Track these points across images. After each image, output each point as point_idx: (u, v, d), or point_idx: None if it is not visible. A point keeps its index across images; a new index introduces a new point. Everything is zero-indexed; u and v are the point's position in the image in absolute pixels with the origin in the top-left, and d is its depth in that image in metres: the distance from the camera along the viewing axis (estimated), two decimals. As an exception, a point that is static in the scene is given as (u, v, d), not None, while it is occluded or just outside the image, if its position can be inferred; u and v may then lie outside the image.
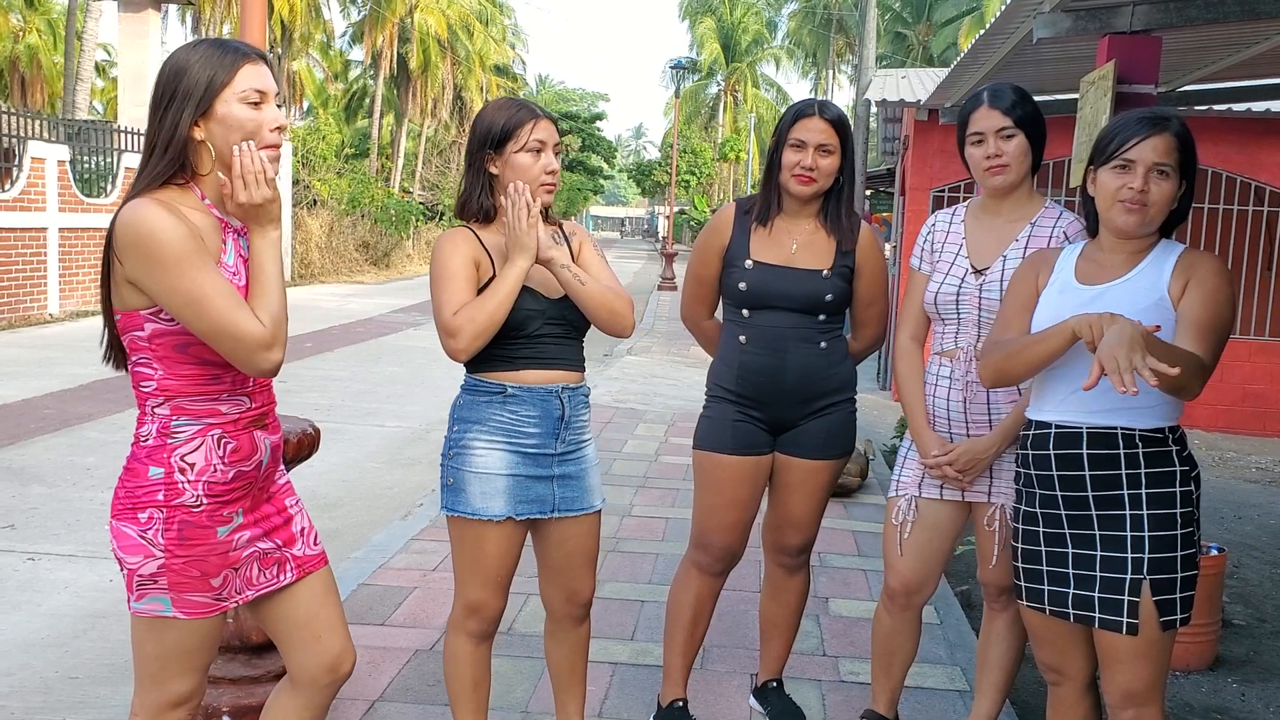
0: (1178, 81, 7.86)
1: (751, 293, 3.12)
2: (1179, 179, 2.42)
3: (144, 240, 1.95)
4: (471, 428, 2.71)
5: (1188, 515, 2.42)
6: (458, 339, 2.58)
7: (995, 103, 2.91)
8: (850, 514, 6.13)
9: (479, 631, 2.80)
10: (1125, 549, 2.41)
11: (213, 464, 2.09)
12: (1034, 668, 4.24)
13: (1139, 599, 2.39)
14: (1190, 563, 2.42)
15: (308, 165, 29.09)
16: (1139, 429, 2.41)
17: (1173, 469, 2.42)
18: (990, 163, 2.91)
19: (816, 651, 4.10)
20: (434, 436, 8.15)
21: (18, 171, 13.70)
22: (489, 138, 2.70)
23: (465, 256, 2.67)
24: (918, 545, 3.06)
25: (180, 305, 1.97)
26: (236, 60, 2.06)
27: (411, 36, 38.86)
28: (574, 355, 2.79)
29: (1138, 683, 2.43)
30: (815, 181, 3.06)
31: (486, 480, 2.68)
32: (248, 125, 2.06)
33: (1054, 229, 2.94)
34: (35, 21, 41.07)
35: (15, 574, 4.79)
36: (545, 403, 2.70)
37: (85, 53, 23.81)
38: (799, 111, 3.09)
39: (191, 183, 2.10)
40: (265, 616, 2.29)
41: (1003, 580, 3.03)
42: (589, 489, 2.82)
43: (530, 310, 2.66)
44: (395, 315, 17.14)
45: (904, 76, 15.49)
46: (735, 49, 52.32)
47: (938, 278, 3.02)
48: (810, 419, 3.18)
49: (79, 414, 8.11)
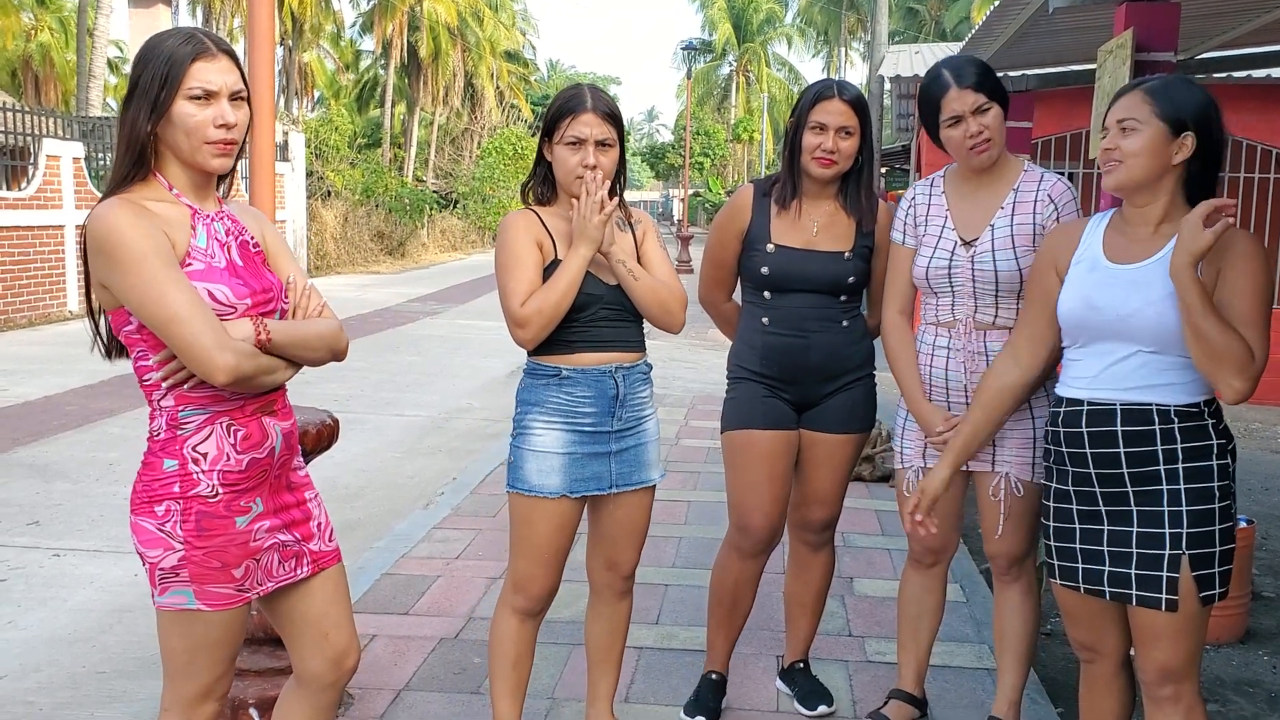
0: (1197, 49, 7.76)
1: (774, 276, 3.12)
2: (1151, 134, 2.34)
3: (105, 240, 1.97)
4: (531, 409, 2.76)
5: (1225, 488, 2.38)
6: (527, 329, 2.64)
7: (963, 81, 2.88)
8: (873, 493, 6.10)
9: (525, 608, 2.83)
10: (1163, 524, 2.37)
11: (225, 452, 2.08)
12: (1062, 645, 4.21)
13: (1179, 575, 2.36)
14: (1228, 536, 2.38)
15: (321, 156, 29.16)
16: (1174, 404, 2.37)
17: (1209, 442, 2.38)
18: (974, 141, 2.90)
19: (842, 632, 4.08)
20: (453, 425, 8.16)
21: (33, 170, 13.75)
22: (545, 125, 2.77)
23: (529, 240, 2.71)
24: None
25: (138, 304, 1.97)
26: (187, 56, 2.02)
27: (421, 25, 38.84)
28: (631, 336, 2.81)
29: (1175, 659, 2.39)
30: (836, 164, 3.05)
31: (543, 458, 2.73)
32: (188, 123, 2.03)
33: (1037, 191, 2.95)
34: (47, 20, 41.20)
35: (41, 570, 4.82)
36: (599, 383, 2.74)
37: (97, 49, 23.84)
38: (818, 94, 3.06)
39: (156, 174, 2.08)
40: (276, 610, 2.29)
41: (1011, 550, 3.03)
42: (647, 463, 2.86)
43: (589, 295, 2.69)
44: (412, 304, 17.16)
45: (917, 52, 15.38)
46: (747, 29, 52.06)
47: (925, 251, 3.02)
48: (833, 395, 3.19)
49: (101, 410, 8.14)
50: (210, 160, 2.07)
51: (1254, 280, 2.32)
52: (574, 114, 2.68)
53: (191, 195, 2.12)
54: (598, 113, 2.68)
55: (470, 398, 9.30)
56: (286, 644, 2.33)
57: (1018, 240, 2.91)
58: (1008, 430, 2.93)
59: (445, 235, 32.10)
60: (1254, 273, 2.32)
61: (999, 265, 2.90)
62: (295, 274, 2.25)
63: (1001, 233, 2.92)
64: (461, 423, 8.29)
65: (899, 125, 15.40)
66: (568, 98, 2.73)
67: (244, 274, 2.13)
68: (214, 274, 2.08)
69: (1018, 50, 7.62)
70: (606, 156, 2.70)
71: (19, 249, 13.27)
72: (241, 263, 2.15)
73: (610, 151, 2.71)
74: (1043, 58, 8.39)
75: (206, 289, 2.04)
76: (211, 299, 2.03)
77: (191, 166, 2.09)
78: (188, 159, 2.08)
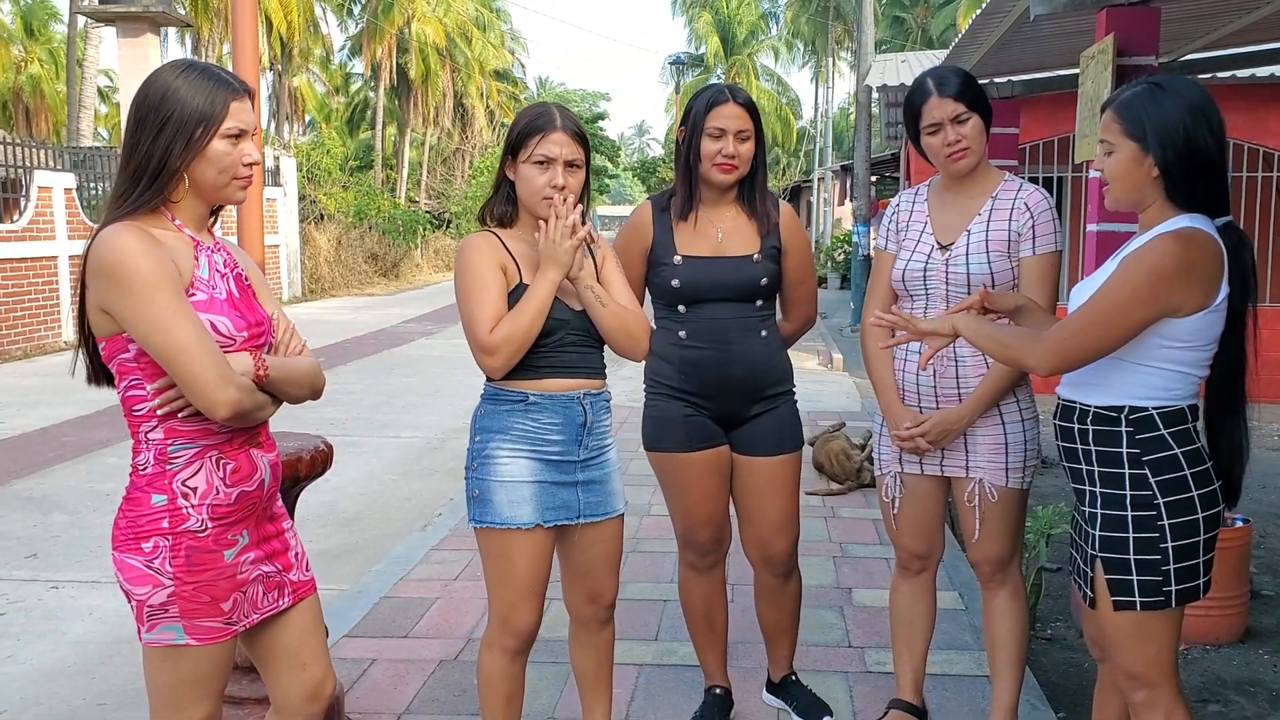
0: (1179, 51, 7.79)
1: (686, 287, 3.10)
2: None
3: (115, 267, 1.96)
4: (494, 437, 2.68)
5: (1144, 499, 2.33)
6: (496, 357, 2.57)
7: (944, 90, 2.94)
8: (869, 502, 6.10)
9: (514, 648, 2.76)
10: (1086, 522, 2.42)
11: (215, 486, 2.09)
12: (1063, 649, 4.22)
13: (1095, 575, 2.40)
14: (1149, 546, 2.32)
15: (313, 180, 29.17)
16: (1095, 405, 2.38)
17: (1119, 450, 2.35)
18: (951, 149, 2.95)
19: (841, 643, 4.08)
20: (450, 445, 8.16)
21: (25, 201, 13.76)
22: (508, 143, 2.70)
23: (492, 263, 2.63)
24: (911, 518, 3.14)
25: (146, 333, 1.97)
26: (227, 97, 2.07)
27: (410, 46, 38.93)
28: (595, 362, 2.77)
29: (1136, 664, 2.38)
30: (737, 168, 3.06)
31: (512, 489, 2.65)
32: (224, 161, 2.09)
33: (1015, 199, 3.00)
34: (36, 51, 41.30)
35: (39, 603, 4.81)
36: (567, 410, 2.68)
37: (87, 80, 23.92)
38: (712, 100, 3.06)
39: (164, 207, 2.10)
40: (255, 641, 2.28)
41: (992, 555, 3.06)
42: (612, 493, 2.80)
43: (556, 320, 2.63)
44: (407, 325, 17.16)
45: (904, 60, 15.43)
46: (734, 41, 52.18)
47: (904, 255, 3.06)
48: (759, 415, 3.17)
49: (97, 440, 8.14)
50: (236, 193, 2.14)
51: (1119, 271, 2.31)
52: (543, 132, 2.62)
53: (192, 227, 2.14)
54: (567, 131, 2.63)
55: (466, 417, 9.21)
56: (264, 674, 2.33)
57: (992, 245, 2.96)
58: (980, 436, 2.99)
59: (439, 255, 32.14)
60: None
61: (971, 268, 2.95)
62: (277, 311, 2.28)
63: (977, 237, 2.97)
64: (458, 443, 8.28)
65: (887, 134, 15.44)
66: (535, 115, 2.66)
67: (240, 306, 2.15)
68: (216, 305, 2.09)
69: (1003, 56, 7.65)
70: (574, 178, 2.64)
71: (13, 280, 13.27)
72: (238, 295, 2.17)
73: (578, 173, 2.65)
74: (1027, 63, 8.43)
75: (210, 320, 2.05)
76: (214, 330, 2.05)
77: (214, 200, 2.14)
78: (211, 193, 2.11)
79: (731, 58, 51.52)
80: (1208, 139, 2.31)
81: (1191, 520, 2.33)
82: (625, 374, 10.11)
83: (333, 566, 5.27)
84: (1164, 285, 2.24)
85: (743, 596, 4.39)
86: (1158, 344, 2.31)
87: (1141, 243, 2.32)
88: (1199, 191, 2.33)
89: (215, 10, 29.38)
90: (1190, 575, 2.34)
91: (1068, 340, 2.31)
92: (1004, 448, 2.98)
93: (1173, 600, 2.34)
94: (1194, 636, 4.22)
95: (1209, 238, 2.28)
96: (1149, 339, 2.30)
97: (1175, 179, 2.31)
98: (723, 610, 3.38)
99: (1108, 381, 2.37)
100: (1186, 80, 2.38)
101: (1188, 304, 2.27)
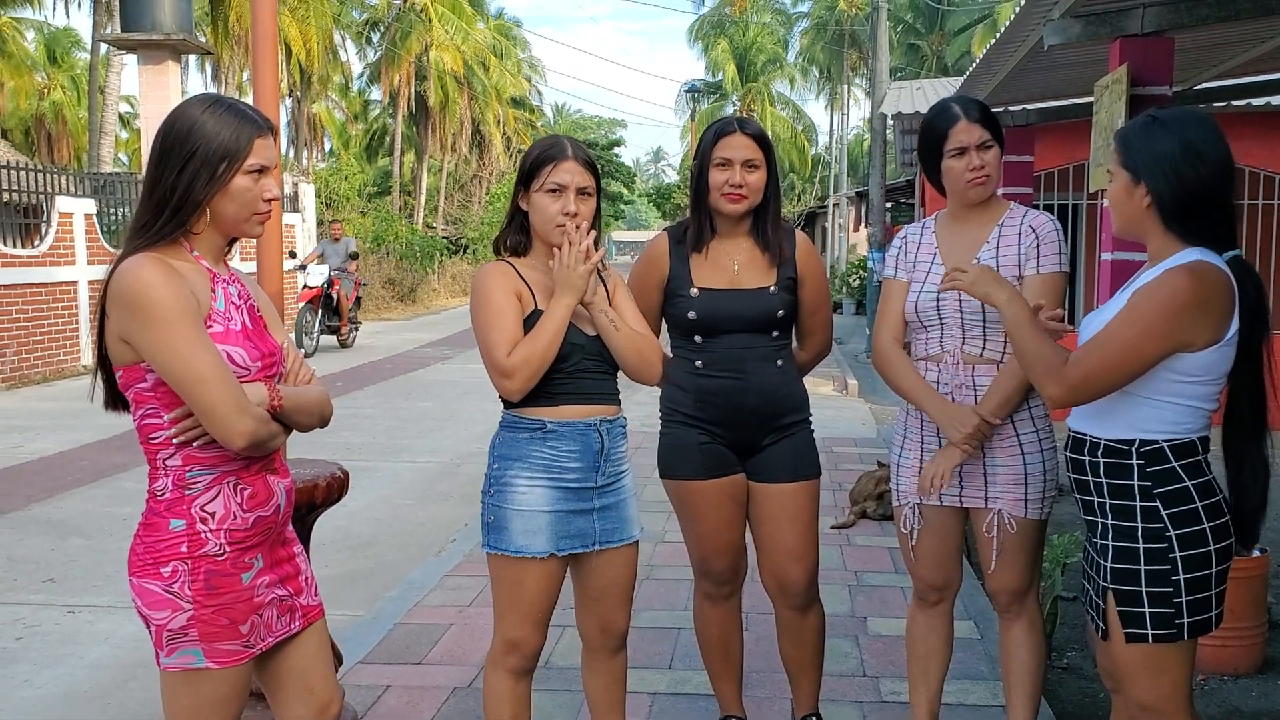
0: (1194, 80, 7.82)
1: (702, 319, 3.11)
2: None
3: (137, 298, 1.99)
4: (512, 465, 2.71)
5: (1156, 531, 2.33)
6: (514, 380, 2.61)
7: (970, 115, 2.96)
8: (885, 530, 6.09)
9: (518, 668, 2.79)
10: (1098, 553, 2.42)
11: (232, 511, 2.11)
12: (1079, 679, 4.19)
13: (1106, 606, 2.39)
14: (1160, 578, 2.32)
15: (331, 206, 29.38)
16: (1105, 438, 2.39)
17: (1131, 483, 2.35)
18: (973, 175, 2.97)
19: (856, 672, 4.06)
20: (465, 470, 8.17)
21: (46, 227, 13.89)
22: (520, 174, 2.76)
23: (508, 291, 2.69)
24: (929, 549, 3.12)
25: (165, 363, 2.00)
26: (251, 134, 2.11)
27: (428, 74, 39.22)
28: (610, 389, 2.80)
29: (1149, 695, 2.37)
30: (746, 198, 3.07)
31: (529, 517, 2.68)
32: (245, 197, 2.12)
33: (1021, 224, 3.01)
34: (59, 78, 41.79)
35: (56, 627, 4.83)
36: (584, 437, 2.71)
37: (108, 106, 24.19)
38: (719, 131, 3.09)
39: (183, 238, 2.13)
40: (264, 665, 2.29)
41: (1010, 585, 3.05)
42: (628, 519, 2.83)
43: (571, 344, 2.68)
44: (424, 350, 17.22)
45: (919, 88, 15.48)
46: (750, 69, 52.39)
47: (915, 286, 3.07)
48: (774, 442, 3.17)
49: (114, 464, 8.19)
50: (255, 228, 2.18)
51: (1131, 307, 2.31)
52: (555, 161, 2.69)
53: (209, 259, 2.17)
54: (578, 160, 2.70)
55: (481, 442, 9.28)
56: (271, 699, 2.34)
57: (1003, 270, 2.97)
58: (999, 466, 2.98)
59: (455, 280, 32.29)
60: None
61: None
62: (286, 342, 2.31)
63: (987, 264, 2.97)
64: (473, 467, 8.30)
65: (902, 160, 15.48)
66: (547, 146, 2.74)
67: (254, 337, 2.18)
68: (232, 337, 2.12)
69: (1018, 85, 7.69)
70: (586, 205, 2.71)
71: (33, 305, 13.38)
72: (251, 326, 2.20)
73: (590, 200, 2.72)
74: (1043, 92, 8.47)
75: (226, 351, 2.08)
76: (230, 361, 2.08)
77: (232, 233, 2.17)
78: (230, 226, 2.15)
79: (747, 85, 51.70)
80: (1198, 172, 2.30)
81: (1204, 552, 2.32)
82: (639, 399, 10.13)
83: (347, 592, 5.28)
84: (1177, 320, 2.24)
85: (758, 625, 4.38)
86: (1169, 378, 2.31)
87: (1151, 277, 2.32)
88: (1197, 224, 2.33)
89: (236, 38, 29.70)
90: (1202, 608, 2.34)
91: (1083, 375, 2.31)
92: (1023, 478, 2.98)
93: (1185, 632, 2.33)
94: (1211, 667, 4.19)
95: (1219, 272, 2.29)
96: (1160, 373, 2.30)
97: (1168, 211, 2.33)
98: (738, 640, 3.37)
99: (1118, 414, 2.37)
100: (1189, 114, 2.39)
101: (1200, 339, 2.27)
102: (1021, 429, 2.98)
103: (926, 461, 3.03)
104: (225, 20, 29.10)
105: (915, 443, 3.11)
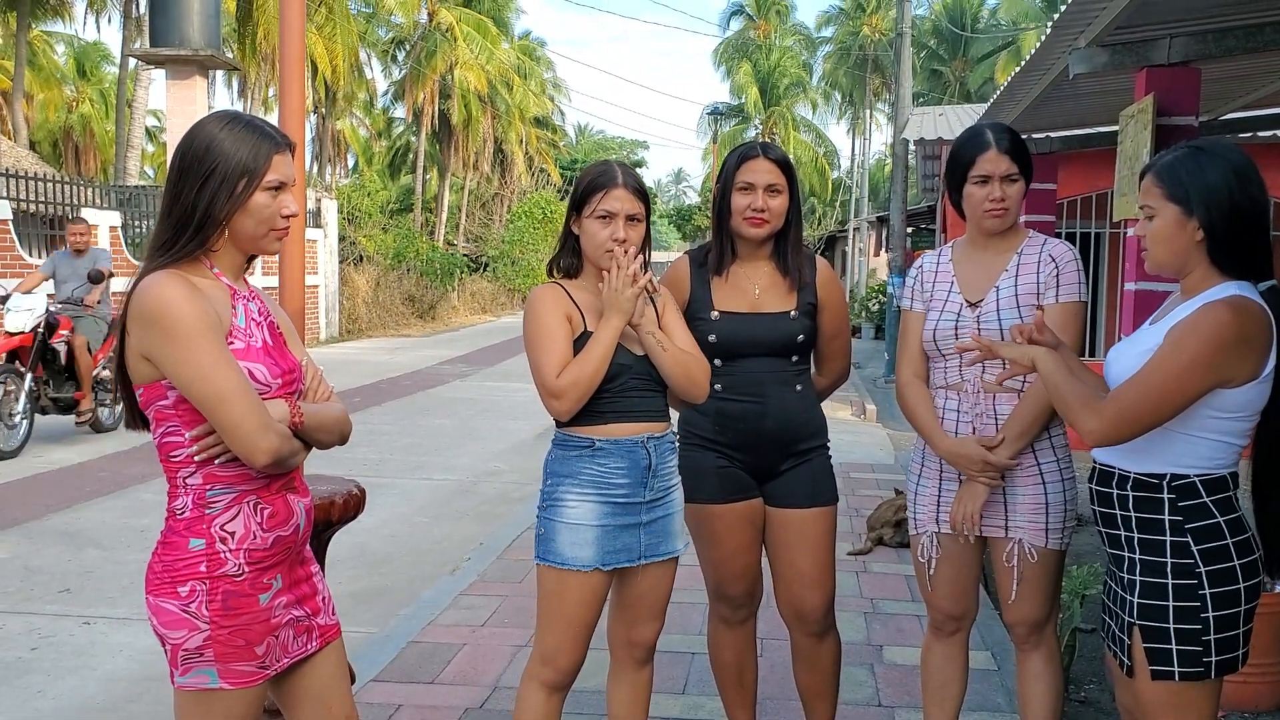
0: (1220, 110, 7.78)
1: (723, 342, 3.11)
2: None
3: (159, 315, 1.99)
4: (563, 481, 2.77)
5: (1186, 568, 2.30)
6: (563, 400, 2.67)
7: (1001, 146, 2.95)
8: (901, 558, 6.04)
9: (553, 681, 2.81)
10: (1124, 589, 2.39)
11: (252, 531, 2.11)
12: (1097, 713, 4.14)
13: (1131, 642, 2.37)
14: (1189, 615, 2.29)
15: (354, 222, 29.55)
16: (1135, 472, 2.36)
17: (1161, 517, 2.33)
18: (993, 206, 2.96)
19: (871, 702, 4.02)
20: (481, 489, 8.17)
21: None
22: (572, 199, 2.83)
23: (559, 313, 2.75)
24: (947, 579, 3.10)
25: (188, 381, 2.00)
26: (270, 151, 2.11)
27: (452, 92, 39.48)
28: (658, 406, 2.84)
29: None
30: (768, 223, 3.08)
31: (577, 531, 2.74)
32: (264, 214, 2.12)
33: (1040, 252, 3.00)
34: (88, 91, 42.30)
35: (71, 638, 4.84)
36: (632, 454, 2.76)
37: (135, 120, 24.44)
38: (742, 155, 3.11)
39: (202, 255, 2.13)
40: (282, 685, 2.28)
41: (1028, 617, 3.02)
42: (673, 534, 2.87)
43: (619, 364, 2.73)
44: (442, 367, 17.26)
45: (941, 114, 15.47)
46: (773, 93, 52.54)
47: (933, 316, 3.06)
48: (792, 467, 3.16)
49: (132, 476, 8.22)
50: (272, 245, 2.18)
51: (1173, 342, 2.27)
52: (605, 189, 2.75)
53: (229, 275, 2.17)
54: (628, 188, 2.76)
55: (498, 460, 9.32)
56: (287, 716, 2.33)
57: (1022, 298, 2.96)
58: (1020, 496, 2.96)
59: (475, 298, 32.42)
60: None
61: (1004, 323, 2.94)
62: (305, 359, 2.31)
63: (1006, 293, 2.97)
64: (489, 486, 8.30)
65: (923, 186, 15.47)
66: (599, 173, 2.80)
67: (274, 354, 2.18)
68: (253, 353, 2.12)
69: (1041, 112, 7.66)
70: (635, 231, 2.76)
71: (56, 316, 13.44)
72: (271, 343, 2.20)
73: (639, 226, 2.78)
74: (1067, 120, 8.44)
75: (248, 368, 2.08)
76: (252, 378, 2.07)
77: (250, 249, 2.17)
78: (248, 243, 2.15)
79: (770, 108, 51.84)
80: (1253, 201, 2.30)
81: (1233, 590, 2.29)
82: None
83: (361, 609, 5.28)
84: (1221, 356, 2.22)
85: (772, 652, 4.35)
86: (1206, 414, 2.28)
87: (1190, 311, 2.29)
88: (1243, 255, 2.31)
89: (263, 55, 29.95)
90: (1230, 646, 2.30)
91: (1124, 413, 2.27)
92: (1044, 507, 2.95)
93: (1212, 671, 2.30)
94: (1233, 703, 4.13)
95: (1260, 308, 2.27)
96: (1198, 409, 2.27)
97: (1220, 242, 2.30)
98: (753, 666, 3.35)
99: (1151, 449, 2.34)
100: (1227, 143, 2.37)
101: (1240, 375, 2.25)
102: (1042, 458, 2.96)
103: (950, 499, 3.01)
104: (253, 37, 29.34)
105: (934, 471, 3.09)
